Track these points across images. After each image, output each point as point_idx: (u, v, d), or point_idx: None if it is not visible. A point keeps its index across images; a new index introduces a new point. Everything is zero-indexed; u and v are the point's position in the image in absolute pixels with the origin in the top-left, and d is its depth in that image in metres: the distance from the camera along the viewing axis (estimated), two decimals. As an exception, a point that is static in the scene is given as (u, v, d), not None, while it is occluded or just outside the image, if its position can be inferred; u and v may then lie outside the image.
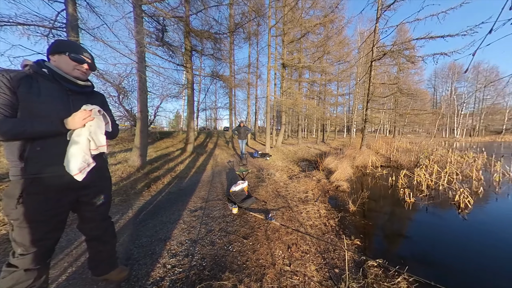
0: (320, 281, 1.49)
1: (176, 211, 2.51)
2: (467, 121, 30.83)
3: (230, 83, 8.44)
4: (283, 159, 7.86)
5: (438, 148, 10.18)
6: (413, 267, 1.76)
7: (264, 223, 2.25)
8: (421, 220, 3.04)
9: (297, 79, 11.64)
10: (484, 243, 2.41)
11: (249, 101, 12.60)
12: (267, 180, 4.15)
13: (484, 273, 1.91)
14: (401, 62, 12.56)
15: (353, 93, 17.17)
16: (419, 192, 4.13)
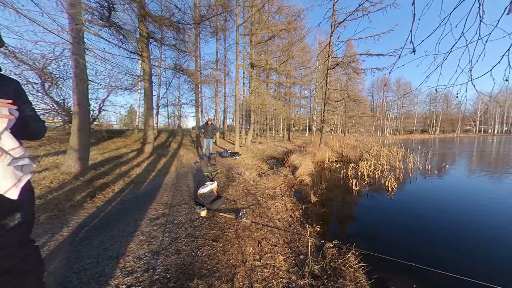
0: (287, 269, 1.61)
1: (131, 222, 2.18)
2: (393, 123, 39.68)
3: (196, 79, 7.91)
4: (253, 157, 8.01)
5: (374, 144, 12.69)
6: (358, 243, 2.14)
7: (234, 223, 2.24)
8: (364, 204, 3.73)
9: (265, 80, 12.06)
10: (404, 216, 3.18)
11: (217, 99, 12.16)
12: (237, 179, 4.14)
13: (406, 238, 2.53)
14: (349, 72, 14.88)
15: (313, 96, 19.20)
16: (362, 181, 5.05)
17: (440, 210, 3.32)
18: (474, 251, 2.21)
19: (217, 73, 11.25)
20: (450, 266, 1.91)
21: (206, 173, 3.50)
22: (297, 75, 15.89)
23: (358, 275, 1.69)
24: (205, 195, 2.63)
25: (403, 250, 2.26)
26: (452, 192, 4.31)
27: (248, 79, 10.68)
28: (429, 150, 11.58)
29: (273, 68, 10.66)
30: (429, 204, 3.64)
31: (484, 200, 3.69)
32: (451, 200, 3.78)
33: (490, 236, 2.49)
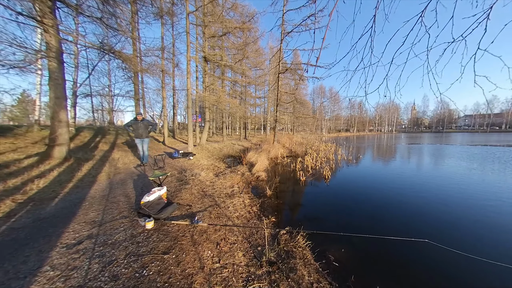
0: (247, 263, 1.66)
1: (32, 256, 1.56)
2: (327, 123, 49.05)
3: (135, 65, 6.54)
4: (209, 157, 7.63)
5: (315, 141, 15.20)
6: (305, 225, 2.51)
7: (189, 229, 2.07)
8: (308, 191, 4.40)
9: (220, 77, 11.69)
10: (336, 196, 4.01)
11: (165, 92, 10.59)
12: (192, 181, 3.82)
13: (338, 214, 3.19)
14: (296, 78, 16.97)
15: (267, 97, 20.51)
16: (307, 172, 5.94)
17: (359, 188, 4.44)
18: (384, 216, 3.11)
19: (164, 62, 9.81)
20: (368, 230, 2.60)
21: (152, 178, 3.02)
22: (252, 75, 16.46)
23: (305, 253, 1.99)
24: (151, 204, 2.27)
25: (336, 224, 2.86)
26: (366, 174, 5.86)
27: (201, 74, 9.99)
28: (350, 145, 15.23)
29: (228, 65, 10.49)
30: (352, 185, 4.78)
31: (387, 178, 5.26)
32: (366, 180, 5.14)
33: (395, 204, 3.58)
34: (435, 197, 3.80)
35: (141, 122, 4.77)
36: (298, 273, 1.62)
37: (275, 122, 10.64)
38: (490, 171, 5.87)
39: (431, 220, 2.88)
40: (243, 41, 11.34)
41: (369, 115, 58.78)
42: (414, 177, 5.36)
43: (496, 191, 4.07)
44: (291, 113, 18.51)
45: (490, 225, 2.71)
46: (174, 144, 10.47)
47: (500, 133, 39.16)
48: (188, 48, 7.22)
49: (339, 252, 2.12)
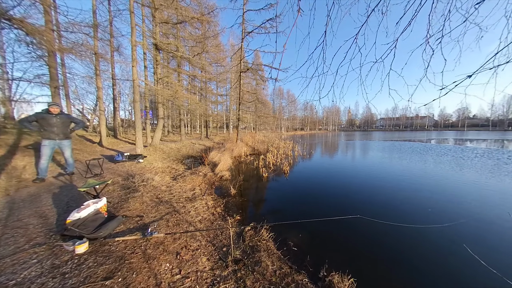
0: (211, 267, 1.59)
1: None
2: (286, 123, 53.58)
3: (49, 42, 4.86)
4: (164, 158, 6.78)
5: (276, 139, 16.30)
6: (269, 218, 2.66)
7: (141, 244, 1.78)
8: (270, 187, 4.68)
9: (176, 69, 10.52)
10: (295, 189, 4.44)
11: (100, 81, 8.47)
12: (142, 188, 3.29)
13: (296, 204, 3.54)
14: (257, 79, 17.52)
15: (229, 95, 20.18)
16: (269, 168, 6.30)
17: (312, 179, 5.10)
18: (330, 201, 3.67)
19: (97, 43, 7.85)
20: (318, 214, 3.02)
21: (83, 188, 2.39)
22: (213, 72, 15.73)
23: (269, 244, 2.11)
24: (84, 221, 1.80)
25: (294, 213, 3.18)
26: (317, 166, 6.78)
27: (152, 64, 8.67)
28: (304, 142, 17.30)
29: (185, 58, 9.58)
30: (306, 177, 5.43)
31: (332, 168, 6.25)
32: (317, 172, 5.94)
33: (338, 190, 4.27)
34: (366, 181, 4.88)
35: (57, 117, 3.31)
36: (262, 265, 1.70)
37: (238, 121, 10.65)
38: (396, 158, 8.10)
39: (364, 199, 3.68)
40: (202, 33, 10.65)
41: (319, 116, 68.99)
42: (350, 166, 6.68)
43: (401, 173, 5.64)
44: (253, 112, 19.00)
45: (402, 198, 3.74)
46: (116, 145, 8.69)
47: (400, 131, 54.81)
48: (133, 31, 6.09)
49: (297, 237, 2.37)
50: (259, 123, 24.26)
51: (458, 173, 5.56)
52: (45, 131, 3.30)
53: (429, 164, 6.95)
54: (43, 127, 3.28)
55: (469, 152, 9.78)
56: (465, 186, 4.35)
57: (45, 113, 3.29)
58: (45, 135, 3.32)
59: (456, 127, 60.70)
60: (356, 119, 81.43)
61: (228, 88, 20.75)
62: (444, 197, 3.75)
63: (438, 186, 4.43)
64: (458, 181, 4.78)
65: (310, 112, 64.07)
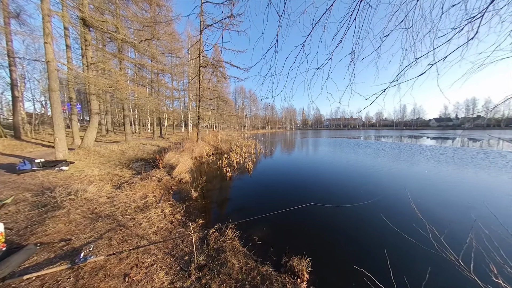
0: (171, 281, 1.44)
1: None
2: (248, 121, 54.65)
3: None
4: (102, 163, 5.51)
5: (239, 138, 16.35)
6: (234, 217, 2.65)
7: (69, 275, 1.39)
8: (235, 185, 4.67)
9: (116, 54, 8.67)
10: (258, 185, 4.61)
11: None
12: (68, 204, 2.57)
13: (260, 199, 3.69)
14: (218, 75, 16.92)
15: (187, 90, 18.52)
16: (233, 167, 6.26)
17: (273, 175, 5.44)
18: (288, 193, 4.01)
19: (-23, 2, 5.42)
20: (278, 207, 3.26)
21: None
22: (166, 62, 13.96)
23: (234, 243, 2.11)
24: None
25: (259, 209, 3.31)
26: (277, 162, 7.28)
27: (79, 44, 6.79)
28: (266, 140, 18.21)
29: (129, 42, 8.04)
30: (268, 173, 5.74)
31: (290, 163, 6.84)
32: (277, 167, 6.38)
33: (295, 183, 4.69)
34: (317, 172, 5.66)
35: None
36: (229, 265, 1.69)
37: (198, 119, 9.96)
38: (338, 152, 9.81)
39: (316, 189, 4.26)
40: (152, 16, 9.24)
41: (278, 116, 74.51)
42: (305, 160, 7.58)
43: (341, 164, 6.87)
44: (215, 109, 18.26)
45: (343, 184, 4.54)
46: (20, 149, 6.39)
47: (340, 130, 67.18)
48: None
49: (261, 232, 2.49)
50: (221, 121, 23.57)
51: (375, 160, 7.36)
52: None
53: (359, 155, 8.84)
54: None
55: (383, 145, 13.11)
56: (380, 170, 5.81)
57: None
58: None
59: (375, 126, 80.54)
60: (309, 119, 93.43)
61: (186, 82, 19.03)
62: (369, 179, 4.87)
63: (365, 171, 5.71)
64: (375, 166, 6.33)
65: (271, 112, 68.10)
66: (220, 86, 20.05)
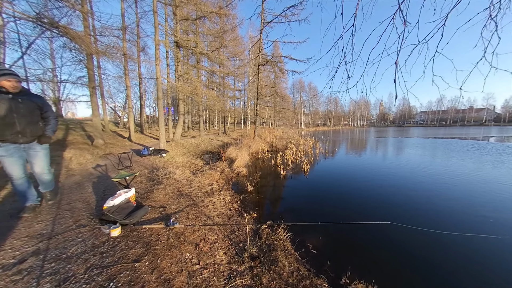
0: (228, 261, 1.67)
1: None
2: (307, 118, 51.61)
3: (88, 46, 5.60)
4: (184, 153, 7.26)
5: (295, 136, 15.89)
6: (286, 218, 2.64)
7: (164, 232, 1.96)
8: (289, 185, 4.61)
9: (196, 66, 11.00)
10: (315, 188, 4.30)
11: (128, 80, 9.44)
12: (165, 181, 3.60)
13: (316, 205, 3.44)
14: (276, 71, 17.16)
15: (246, 89, 20.30)
16: (288, 166, 6.21)
17: (335, 179, 4.86)
18: (355, 204, 3.47)
19: (126, 45, 8.69)
20: (341, 217, 2.89)
21: (116, 179, 2.73)
22: (231, 66, 15.96)
23: (286, 244, 2.11)
24: (117, 208, 2.06)
25: (314, 214, 3.09)
26: (340, 165, 6.42)
27: (173, 61, 9.23)
28: (327, 139, 16.47)
29: (204, 54, 9.92)
30: (328, 176, 5.20)
31: (358, 168, 5.86)
32: (340, 171, 5.63)
33: (364, 192, 4.00)
34: (400, 183, 4.43)
35: (17, 98, 1.86)
36: (279, 265, 1.71)
37: (256, 116, 10.67)
38: (440, 159, 7.12)
39: (395, 205, 3.36)
40: (221, 27, 10.82)
41: (344, 111, 64.31)
42: (381, 167, 6.13)
43: (446, 176, 4.96)
44: (271, 107, 18.80)
45: (440, 201, 3.31)
46: (143, 140, 9.61)
47: (446, 127, 47.75)
48: (156, 30, 6.54)
49: (316, 240, 2.31)
50: (277, 118, 23.92)
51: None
52: (2, 129, 1.81)
53: (486, 166, 5.93)
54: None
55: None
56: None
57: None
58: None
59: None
60: (390, 113, 73.42)
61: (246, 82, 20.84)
62: (499, 204, 3.17)
63: (494, 193, 3.75)
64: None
65: (334, 106, 60.34)
66: (278, 82, 20.29)
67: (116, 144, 7.75)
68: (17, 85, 1.87)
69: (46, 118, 2.18)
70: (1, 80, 1.77)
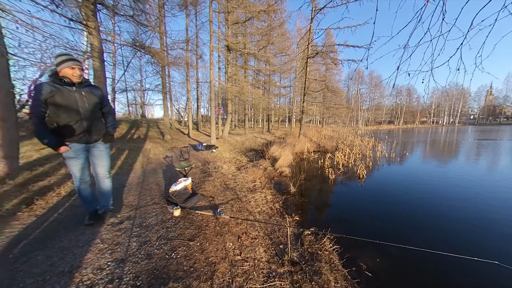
0: (268, 260, 1.71)
1: (87, 230, 1.95)
2: (365, 114, 44.27)
3: (162, 60, 7.15)
4: (231, 150, 7.94)
5: (349, 135, 14.03)
6: (333, 228, 2.40)
7: (212, 220, 2.23)
8: (338, 191, 4.15)
9: (243, 66, 11.74)
10: (372, 199, 3.68)
11: (189, 85, 11.32)
12: (214, 174, 4.07)
13: (373, 219, 2.95)
14: (328, 63, 15.68)
15: (293, 86, 19.72)
16: (338, 170, 5.59)
17: (403, 191, 3.96)
18: (435, 226, 2.74)
19: (188, 54, 10.39)
20: (413, 241, 2.34)
21: (178, 168, 3.34)
22: (277, 63, 15.96)
23: (332, 257, 1.92)
24: (178, 193, 2.52)
25: (370, 230, 2.65)
26: (412, 175, 5.16)
27: (224, 64, 10.23)
28: (393, 140, 13.51)
29: (251, 53, 10.41)
30: (392, 187, 4.29)
31: (442, 182, 4.55)
32: (412, 183, 4.54)
33: (450, 214, 3.11)
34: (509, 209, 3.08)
35: (81, 90, 1.69)
36: (323, 278, 1.59)
37: (302, 114, 10.21)
38: None
39: (503, 238, 2.37)
40: (268, 25, 10.98)
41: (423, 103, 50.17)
42: (482, 183, 4.44)
43: None
44: (320, 103, 17.40)
45: None
46: (198, 137, 11.23)
47: None
48: (211, 37, 7.42)
49: (373, 261, 1.97)
50: (327, 115, 21.88)
51: None
52: (65, 126, 1.62)
53: None
54: (57, 115, 1.58)
55: None
56: None
57: (58, 82, 1.60)
58: (66, 133, 1.65)
59: None
60: (507, 105, 50.90)
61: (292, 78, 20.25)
62: None
63: None
64: None
65: (406, 99, 48.47)
66: (329, 75, 18.52)
67: (179, 139, 9.48)
68: (80, 73, 1.66)
69: (105, 113, 1.95)
70: (64, 68, 1.58)
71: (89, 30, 4.50)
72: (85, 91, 1.71)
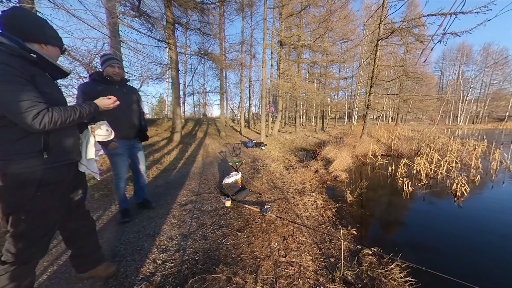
0: (315, 270, 1.60)
1: (164, 205, 2.54)
2: (472, 107, 31.97)
3: (221, 63, 8.10)
4: (280, 148, 7.95)
5: (440, 136, 10.66)
6: (407, 254, 1.93)
7: (259, 216, 2.34)
8: (418, 209, 3.27)
9: (296, 60, 11.35)
10: (477, 229, 2.66)
11: (242, 85, 12.23)
12: (262, 171, 4.22)
13: (473, 255, 2.14)
14: (409, 42, 12.44)
15: (356, 76, 17.10)
16: (418, 181, 4.39)
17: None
18: None
19: (243, 55, 11.21)
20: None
21: (230, 163, 3.71)
22: (336, 51, 14.33)
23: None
24: (229, 185, 2.81)
25: (466, 269, 1.93)
26: None
27: (276, 61, 10.28)
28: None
29: (306, 45, 9.87)
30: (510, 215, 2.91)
31: None
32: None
33: None
34: None
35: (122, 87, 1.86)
36: (387, 312, 1.31)
37: (366, 109, 8.71)
38: None
39: None
40: (327, 9, 10.04)
41: None
42: None
43: None
44: (394, 94, 14.18)
45: None
46: (249, 134, 11.97)
47: None
48: (265, 35, 7.63)
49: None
50: (404, 110, 17.49)
51: None
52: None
53: None
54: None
55: None
56: None
57: (101, 80, 1.72)
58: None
59: None
60: None
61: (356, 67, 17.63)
62: None
63: None
64: None
65: None
66: (410, 57, 14.78)
67: (232, 136, 10.48)
68: (119, 72, 1.77)
69: (141, 113, 2.07)
70: (106, 67, 1.71)
71: (170, 46, 5.73)
72: (126, 89, 1.89)
